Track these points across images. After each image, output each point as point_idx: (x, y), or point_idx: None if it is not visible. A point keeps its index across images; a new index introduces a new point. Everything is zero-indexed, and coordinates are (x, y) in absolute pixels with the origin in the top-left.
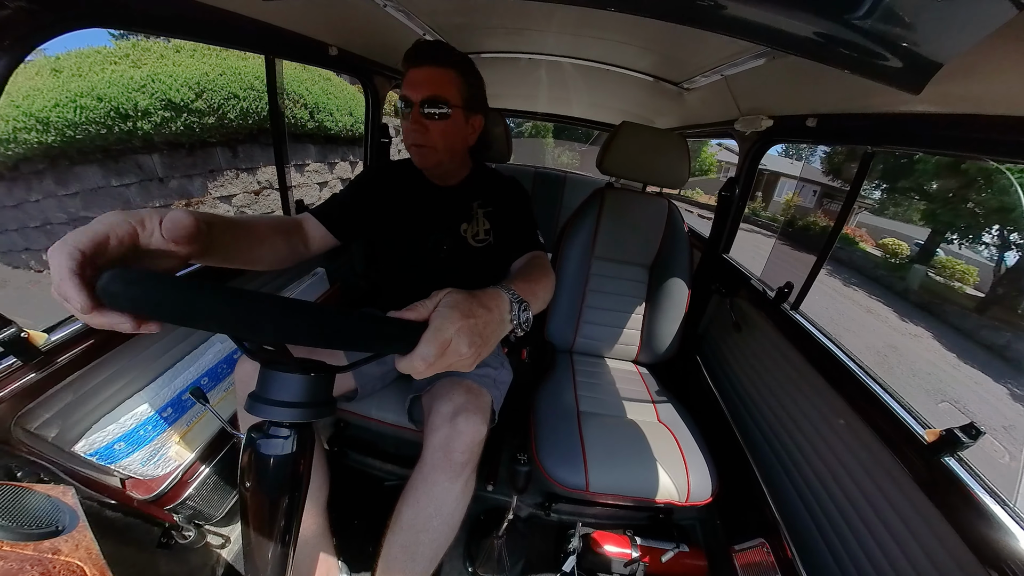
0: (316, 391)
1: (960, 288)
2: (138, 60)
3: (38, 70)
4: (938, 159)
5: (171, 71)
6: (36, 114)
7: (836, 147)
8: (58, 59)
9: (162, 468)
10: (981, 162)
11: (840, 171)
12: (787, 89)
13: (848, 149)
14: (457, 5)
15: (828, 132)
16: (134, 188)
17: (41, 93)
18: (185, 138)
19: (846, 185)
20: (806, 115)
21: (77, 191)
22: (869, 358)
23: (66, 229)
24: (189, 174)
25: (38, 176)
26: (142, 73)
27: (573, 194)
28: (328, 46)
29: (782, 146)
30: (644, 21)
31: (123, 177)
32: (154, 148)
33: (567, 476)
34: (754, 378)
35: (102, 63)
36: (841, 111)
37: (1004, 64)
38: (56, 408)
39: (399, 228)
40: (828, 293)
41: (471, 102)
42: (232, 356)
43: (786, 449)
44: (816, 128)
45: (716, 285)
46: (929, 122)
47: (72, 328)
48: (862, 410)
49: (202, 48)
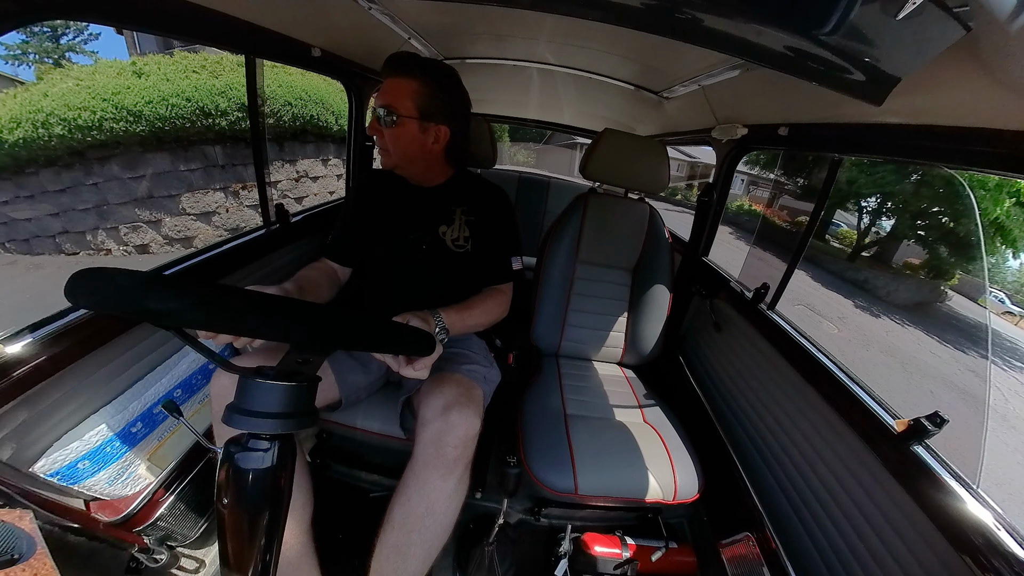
0: (298, 400)
1: (841, 248)
2: (215, 71)
3: (119, 71)
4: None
5: (242, 81)
6: (129, 108)
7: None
8: (134, 63)
9: (131, 487)
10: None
11: (763, 163)
12: (761, 99)
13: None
14: (442, 10)
15: (799, 140)
16: (198, 172)
17: (130, 91)
18: (245, 134)
19: (769, 173)
20: (778, 124)
21: (144, 174)
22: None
23: (124, 209)
24: (245, 163)
25: (108, 160)
26: (221, 82)
27: (557, 199)
28: (311, 47)
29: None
30: (626, 32)
31: (190, 163)
32: (220, 141)
33: (556, 480)
34: (735, 376)
35: (184, 71)
36: (811, 120)
37: (955, 80)
38: (10, 426)
39: (381, 228)
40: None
41: (430, 111)
42: (208, 367)
43: (767, 444)
44: (788, 136)
45: (697, 287)
46: (890, 132)
47: (29, 339)
48: (836, 403)
49: (268, 65)
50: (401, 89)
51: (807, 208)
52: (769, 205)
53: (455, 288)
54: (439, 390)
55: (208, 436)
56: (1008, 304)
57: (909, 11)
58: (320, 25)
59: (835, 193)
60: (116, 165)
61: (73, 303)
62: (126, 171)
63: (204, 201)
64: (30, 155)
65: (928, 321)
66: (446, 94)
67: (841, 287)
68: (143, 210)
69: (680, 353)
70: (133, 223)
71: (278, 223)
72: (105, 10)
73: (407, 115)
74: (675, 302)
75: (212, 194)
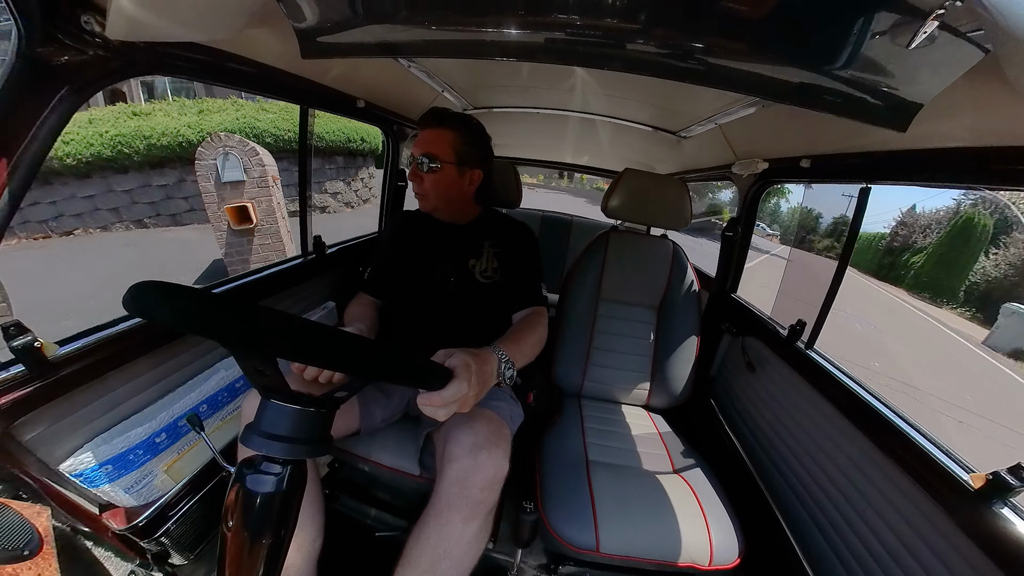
0: (313, 427)
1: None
2: (283, 113)
3: (259, 108)
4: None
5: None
6: (260, 132)
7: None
8: (259, 102)
9: (144, 497)
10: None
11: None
12: (780, 133)
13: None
14: (472, 67)
15: (822, 171)
16: (332, 170)
17: (260, 120)
18: (347, 150)
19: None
20: (800, 156)
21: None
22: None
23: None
24: (351, 167)
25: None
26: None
27: (579, 238)
28: (356, 99)
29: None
30: (641, 78)
31: (329, 164)
32: (341, 154)
33: (575, 534)
34: (773, 422)
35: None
36: (834, 151)
37: (982, 100)
38: (51, 422)
39: (410, 262)
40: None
41: (465, 158)
42: (235, 385)
43: (816, 501)
44: (810, 168)
45: (727, 325)
46: (920, 157)
47: (82, 342)
48: (895, 454)
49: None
50: (441, 139)
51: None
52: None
53: (484, 319)
54: (469, 426)
55: (226, 454)
56: (767, 229)
57: (920, 41)
58: (365, 81)
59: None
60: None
61: (134, 313)
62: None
63: (334, 186)
64: (280, 148)
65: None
66: (479, 142)
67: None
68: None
69: (712, 396)
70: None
71: (315, 253)
72: (197, 70)
73: (448, 161)
74: (704, 341)
75: (336, 183)
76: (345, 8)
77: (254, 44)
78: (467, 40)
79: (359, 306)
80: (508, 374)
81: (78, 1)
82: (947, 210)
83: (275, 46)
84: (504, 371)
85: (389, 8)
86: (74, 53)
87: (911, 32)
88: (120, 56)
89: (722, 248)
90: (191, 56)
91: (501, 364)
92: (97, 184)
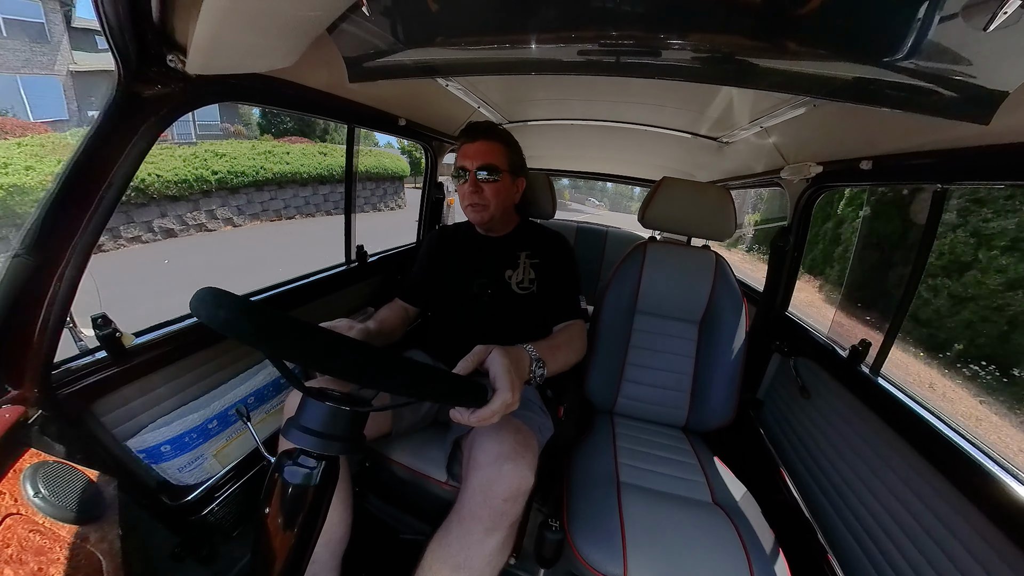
0: (348, 426)
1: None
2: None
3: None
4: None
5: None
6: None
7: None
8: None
9: (195, 477)
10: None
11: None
12: (835, 133)
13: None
14: (507, 82)
15: (886, 172)
16: (379, 191)
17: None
18: (381, 176)
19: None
20: (860, 158)
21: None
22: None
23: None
24: (391, 191)
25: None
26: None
27: (615, 248)
28: (398, 118)
29: None
30: (677, 84)
31: (378, 187)
32: (386, 180)
33: (601, 559)
34: (829, 453)
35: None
36: (899, 150)
37: None
38: (124, 403)
39: (449, 274)
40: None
41: (515, 167)
42: (279, 380)
43: (879, 545)
44: (872, 170)
45: (778, 343)
46: (1007, 152)
47: (154, 335)
48: (979, 497)
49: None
50: (495, 151)
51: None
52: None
53: (520, 329)
54: (496, 435)
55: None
56: (596, 201)
57: (1001, 21)
58: (406, 101)
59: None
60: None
61: (200, 317)
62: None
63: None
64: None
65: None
66: (519, 151)
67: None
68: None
69: (758, 420)
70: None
71: (357, 261)
72: (258, 96)
73: (504, 170)
74: (750, 361)
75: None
76: (388, 35)
77: (307, 72)
78: (502, 57)
79: (387, 309)
80: (539, 372)
81: (165, 42)
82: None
83: (325, 73)
84: (535, 369)
85: (427, 32)
86: (160, 87)
87: (989, 13)
88: (197, 88)
89: (771, 260)
90: (254, 85)
91: (533, 363)
92: (291, 191)
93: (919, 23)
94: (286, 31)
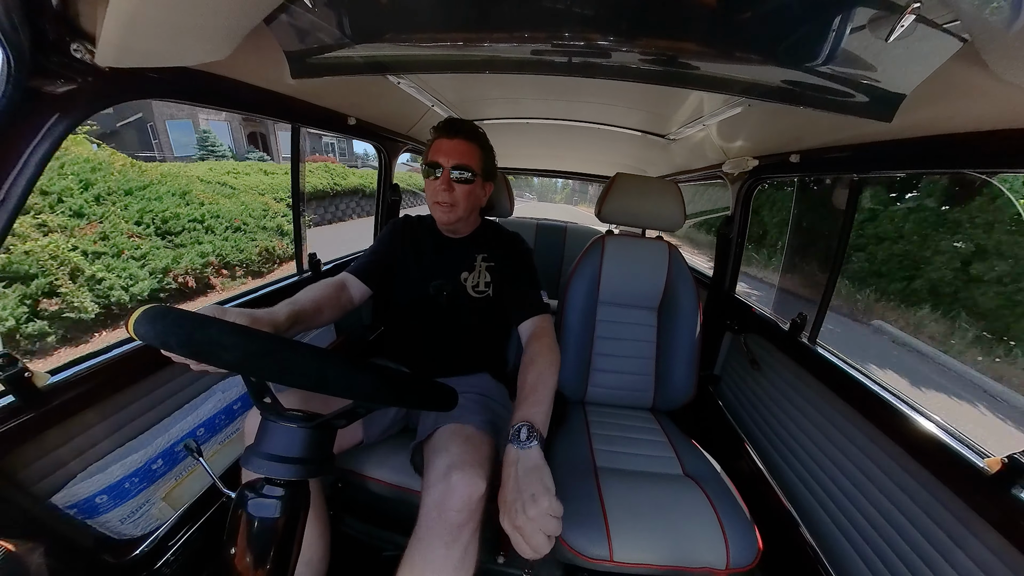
0: (314, 445)
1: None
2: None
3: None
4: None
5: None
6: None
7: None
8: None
9: (141, 528)
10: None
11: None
12: (769, 130)
13: None
14: (461, 80)
15: (812, 165)
16: (354, 204)
17: (349, 180)
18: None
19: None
20: (789, 152)
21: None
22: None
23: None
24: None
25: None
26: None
27: (574, 243)
28: (347, 116)
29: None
30: (627, 84)
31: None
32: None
33: (587, 545)
34: (782, 418)
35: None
36: (821, 145)
37: (966, 87)
38: (44, 454)
39: (407, 274)
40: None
41: (487, 172)
42: (232, 407)
43: (830, 494)
44: (800, 163)
45: (729, 322)
46: (908, 145)
47: (74, 370)
48: (907, 443)
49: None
50: (470, 151)
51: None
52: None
53: (475, 333)
54: (444, 448)
55: (229, 477)
56: (528, 195)
57: (899, 34)
58: (355, 99)
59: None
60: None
61: (142, 338)
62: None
63: (354, 209)
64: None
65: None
66: (492, 155)
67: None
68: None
69: (717, 395)
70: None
71: (310, 271)
72: (189, 93)
73: (478, 173)
74: (705, 340)
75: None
76: (333, 30)
77: (244, 67)
78: (455, 56)
79: (312, 290)
80: (535, 435)
81: (67, 31)
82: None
83: (265, 68)
84: (528, 443)
85: (375, 28)
86: (64, 81)
87: (889, 26)
88: (111, 82)
89: (718, 246)
90: (182, 80)
91: (524, 442)
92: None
93: (834, 33)
94: (216, 20)
